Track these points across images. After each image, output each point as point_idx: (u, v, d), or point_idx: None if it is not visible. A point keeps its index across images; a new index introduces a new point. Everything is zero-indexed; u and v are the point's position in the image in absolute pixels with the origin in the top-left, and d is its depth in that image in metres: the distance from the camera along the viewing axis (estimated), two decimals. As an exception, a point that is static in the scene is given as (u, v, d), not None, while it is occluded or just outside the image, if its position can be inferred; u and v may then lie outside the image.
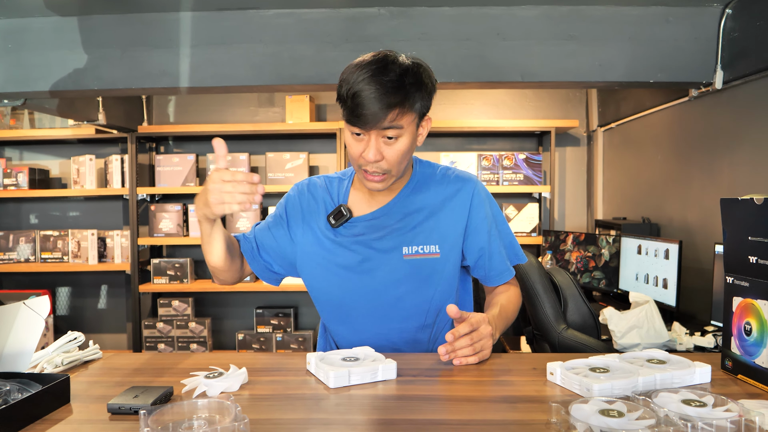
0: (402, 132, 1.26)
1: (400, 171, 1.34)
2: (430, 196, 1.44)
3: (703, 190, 2.59)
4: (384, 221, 1.42)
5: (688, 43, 2.39)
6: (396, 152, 1.28)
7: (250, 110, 4.06)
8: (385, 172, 1.30)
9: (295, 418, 0.92)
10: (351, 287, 1.42)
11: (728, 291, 1.09)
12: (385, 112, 1.21)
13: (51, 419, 0.94)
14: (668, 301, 2.52)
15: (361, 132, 1.25)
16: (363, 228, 1.42)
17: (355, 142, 1.29)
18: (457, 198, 1.43)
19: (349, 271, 1.41)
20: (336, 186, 1.49)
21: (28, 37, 2.48)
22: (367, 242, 1.41)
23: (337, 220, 1.41)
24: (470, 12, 2.42)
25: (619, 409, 0.85)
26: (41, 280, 4.11)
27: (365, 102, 1.20)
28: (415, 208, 1.42)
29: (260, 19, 2.45)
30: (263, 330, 3.84)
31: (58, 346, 1.25)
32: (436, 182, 1.46)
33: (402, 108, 1.22)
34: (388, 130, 1.24)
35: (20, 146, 4.14)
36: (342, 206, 1.42)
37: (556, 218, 3.99)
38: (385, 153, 1.27)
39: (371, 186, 1.34)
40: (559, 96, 3.98)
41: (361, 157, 1.28)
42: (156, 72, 2.49)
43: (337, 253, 1.42)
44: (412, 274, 1.40)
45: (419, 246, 1.40)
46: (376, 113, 1.21)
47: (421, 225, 1.41)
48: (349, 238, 1.42)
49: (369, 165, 1.29)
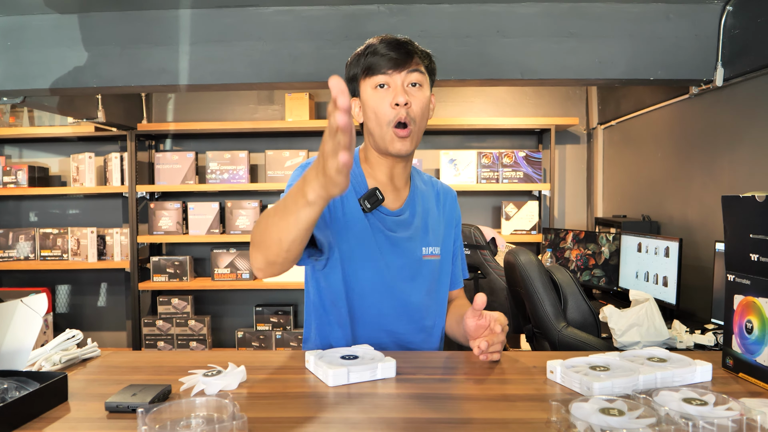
0: (423, 80, 1.28)
1: (421, 130, 1.31)
2: (430, 198, 1.46)
3: (704, 187, 2.59)
4: (407, 218, 1.39)
5: (689, 40, 2.38)
6: (420, 100, 1.27)
7: (250, 108, 4.05)
8: (411, 122, 1.26)
9: (294, 416, 0.92)
10: (374, 279, 1.34)
11: (729, 289, 1.09)
12: (410, 55, 1.25)
13: (48, 417, 0.93)
14: (668, 299, 2.51)
15: (386, 80, 1.25)
16: (390, 222, 1.36)
17: (381, 97, 1.26)
18: (447, 205, 1.49)
19: (376, 264, 1.33)
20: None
21: (28, 34, 2.47)
22: (395, 239, 1.36)
23: (372, 204, 1.31)
24: (470, 9, 2.41)
25: (619, 408, 0.85)
26: (41, 278, 4.11)
27: (389, 48, 1.24)
28: (424, 206, 1.44)
29: (259, 17, 2.44)
30: (263, 328, 3.83)
31: (56, 344, 1.25)
32: (428, 186, 1.49)
33: (420, 58, 1.27)
34: (413, 73, 1.26)
35: (20, 144, 4.14)
36: (376, 189, 1.31)
37: (556, 216, 3.98)
38: (411, 99, 1.26)
39: (399, 147, 1.28)
40: (559, 93, 3.97)
41: (390, 108, 1.25)
42: (155, 69, 2.48)
43: (368, 241, 1.32)
44: (427, 274, 1.40)
45: (432, 247, 1.41)
46: (401, 54, 1.24)
47: (430, 226, 1.43)
48: (379, 230, 1.34)
49: (400, 112, 1.24)
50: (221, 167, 3.76)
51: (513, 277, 1.89)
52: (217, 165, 3.76)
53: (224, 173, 3.77)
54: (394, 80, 1.26)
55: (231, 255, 3.75)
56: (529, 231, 3.75)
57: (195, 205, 3.78)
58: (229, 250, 3.77)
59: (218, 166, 3.76)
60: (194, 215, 3.77)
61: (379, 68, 1.25)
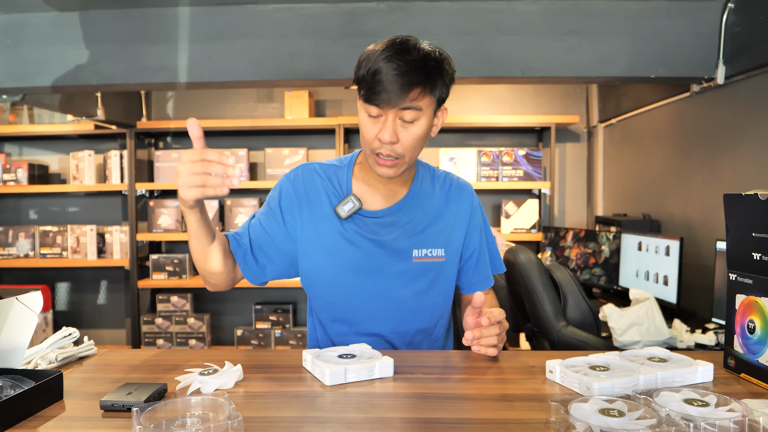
0: (420, 115, 1.22)
1: (412, 159, 1.29)
2: (436, 199, 1.41)
3: (705, 186, 2.58)
4: (397, 219, 1.37)
5: (690, 37, 2.37)
6: (412, 136, 1.23)
7: (249, 106, 4.04)
8: (398, 156, 1.25)
9: (290, 415, 0.91)
10: (357, 287, 1.35)
11: (731, 288, 1.08)
12: (406, 90, 1.17)
13: (43, 416, 0.92)
14: (669, 298, 2.50)
15: (378, 113, 1.21)
16: (372, 225, 1.35)
17: (371, 124, 1.24)
18: (459, 203, 1.43)
19: (357, 271, 1.34)
20: (335, 174, 1.40)
21: (27, 32, 2.47)
22: (379, 241, 1.34)
23: (347, 211, 1.32)
24: (470, 7, 2.40)
25: (619, 409, 0.84)
26: (40, 276, 4.10)
27: (386, 78, 1.16)
28: (425, 208, 1.39)
29: (259, 14, 2.43)
30: (262, 326, 3.83)
31: (52, 342, 1.24)
32: (439, 185, 1.44)
33: (423, 89, 1.19)
34: (406, 111, 1.20)
35: (19, 142, 4.13)
36: (351, 195, 1.33)
37: (556, 214, 3.97)
38: (400, 136, 1.23)
39: (381, 171, 1.28)
40: (559, 91, 3.96)
41: (376, 139, 1.23)
42: (154, 67, 2.47)
43: (344, 250, 1.34)
44: (420, 277, 1.37)
45: (428, 249, 1.37)
46: (396, 91, 1.17)
47: (430, 227, 1.38)
48: (358, 235, 1.34)
49: (383, 147, 1.23)
50: (221, 165, 3.75)
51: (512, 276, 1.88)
52: (217, 163, 3.75)
53: (224, 171, 3.75)
54: (387, 115, 1.21)
55: (230, 253, 3.74)
56: (529, 229, 3.74)
57: (194, 203, 3.76)
58: (228, 249, 3.76)
59: (218, 164, 3.75)
60: (194, 213, 3.76)
61: (373, 100, 1.19)
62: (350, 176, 1.39)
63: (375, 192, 1.38)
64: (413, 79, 1.17)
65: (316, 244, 1.35)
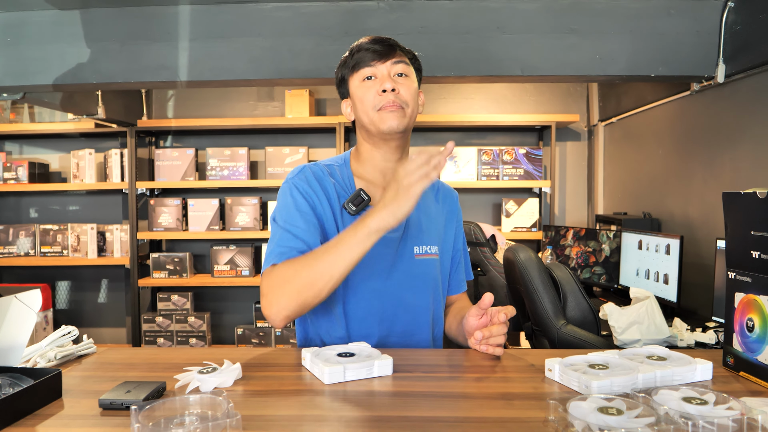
0: (409, 70, 1.32)
1: (413, 113, 1.33)
2: (428, 198, 1.44)
3: (705, 184, 2.57)
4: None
5: (690, 36, 2.37)
6: (409, 88, 1.30)
7: (250, 104, 4.04)
8: (402, 104, 1.29)
9: (289, 414, 0.91)
10: (366, 283, 1.32)
11: (730, 287, 1.08)
12: (392, 49, 1.30)
13: (42, 414, 0.93)
14: (669, 297, 2.50)
15: (372, 72, 1.30)
16: None
17: (368, 87, 1.30)
18: (448, 205, 1.47)
19: (363, 268, 1.29)
20: (337, 172, 1.37)
21: (27, 30, 2.47)
22: (385, 239, 1.25)
23: (357, 206, 1.30)
24: (470, 5, 2.40)
25: (618, 407, 0.84)
26: (41, 274, 4.10)
27: (371, 46, 1.30)
28: (420, 205, 1.39)
29: (259, 13, 2.43)
30: (262, 325, 3.83)
31: (51, 341, 1.24)
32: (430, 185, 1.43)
33: (404, 52, 1.33)
34: (398, 64, 1.30)
35: (20, 140, 4.13)
36: (361, 191, 1.30)
37: (557, 213, 3.97)
38: (398, 87, 1.29)
39: (390, 123, 1.28)
40: (559, 90, 3.96)
41: (377, 94, 1.29)
42: (155, 66, 2.47)
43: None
44: (421, 275, 1.37)
45: (427, 246, 1.38)
46: (383, 49, 1.29)
47: (425, 224, 1.40)
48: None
49: (387, 96, 1.28)
50: (221, 164, 3.76)
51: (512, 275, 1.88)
52: (217, 161, 3.75)
53: (224, 170, 3.76)
54: (380, 70, 1.30)
55: (231, 252, 3.75)
56: (529, 228, 3.74)
57: (195, 202, 3.77)
58: (228, 247, 3.76)
59: (218, 162, 3.76)
60: (194, 212, 3.77)
61: (364, 61, 1.29)
62: (350, 173, 1.38)
63: (376, 187, 1.37)
64: (393, 43, 1.32)
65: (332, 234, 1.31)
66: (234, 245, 3.78)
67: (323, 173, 1.35)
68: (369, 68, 1.30)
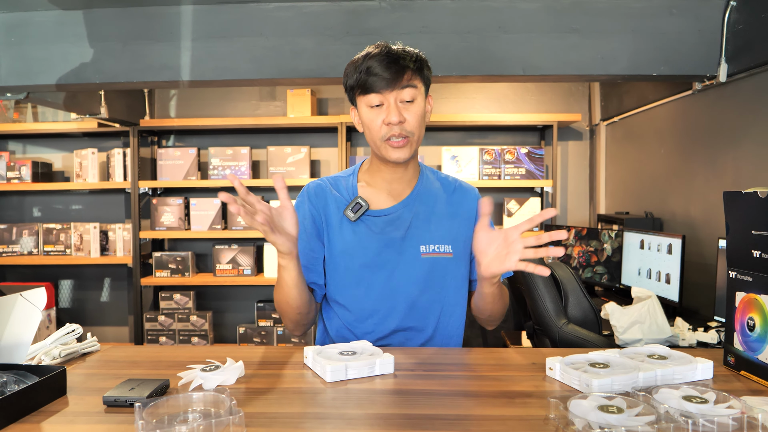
0: (416, 93, 1.33)
1: (420, 138, 1.37)
2: (440, 198, 1.47)
3: (707, 184, 2.57)
4: (401, 217, 1.42)
5: (692, 35, 2.37)
6: (415, 115, 1.33)
7: (252, 104, 4.05)
8: (408, 135, 1.33)
9: (291, 411, 0.91)
10: (369, 285, 1.40)
11: (731, 286, 1.08)
12: (400, 73, 1.29)
13: (47, 411, 0.93)
14: (671, 297, 2.50)
15: (380, 100, 1.31)
16: (381, 223, 1.41)
17: (375, 115, 1.33)
18: (464, 203, 1.48)
19: (368, 269, 1.39)
20: (342, 183, 1.47)
21: (31, 30, 2.48)
22: (387, 239, 1.40)
23: (356, 212, 1.39)
24: (471, 5, 2.40)
25: (618, 405, 0.84)
26: (44, 273, 4.12)
27: (380, 68, 1.29)
28: (429, 205, 1.44)
29: (261, 12, 2.44)
30: (264, 324, 3.84)
31: (55, 338, 1.25)
32: (443, 186, 1.50)
33: (413, 71, 1.32)
34: (405, 90, 1.31)
35: (23, 140, 4.14)
36: (358, 198, 1.40)
37: (558, 213, 3.97)
38: (405, 115, 1.31)
39: (396, 155, 1.34)
40: (561, 90, 3.96)
41: (383, 125, 1.32)
42: (157, 65, 2.48)
43: (356, 252, 1.40)
44: (428, 273, 1.40)
45: (435, 245, 1.41)
46: (392, 75, 1.29)
47: (436, 223, 1.43)
48: (369, 235, 1.40)
49: (393, 129, 1.31)
50: (223, 163, 3.76)
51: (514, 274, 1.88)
52: (219, 161, 3.76)
53: (226, 169, 3.77)
54: (387, 99, 1.31)
55: (233, 251, 3.76)
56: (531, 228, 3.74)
57: (197, 201, 3.78)
58: (230, 246, 3.77)
59: (220, 162, 3.76)
60: (196, 211, 3.77)
61: (373, 89, 1.30)
62: (355, 183, 1.46)
63: (380, 192, 1.44)
64: (403, 63, 1.30)
65: (333, 251, 1.41)
66: (236, 244, 3.79)
67: (323, 188, 1.46)
68: (377, 96, 1.31)
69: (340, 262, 1.41)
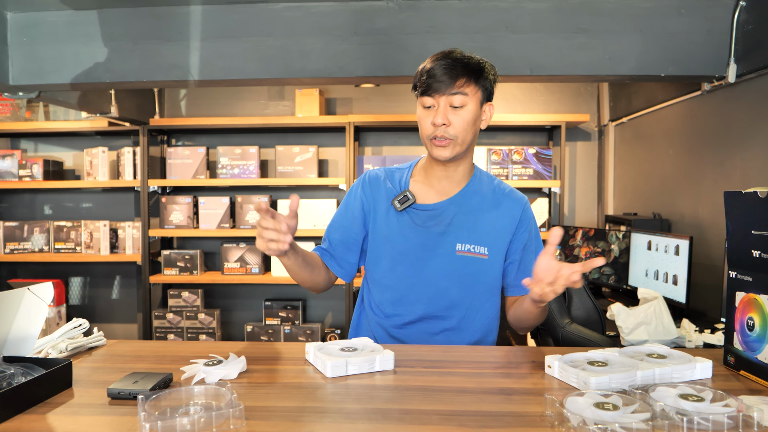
0: (467, 101, 1.39)
1: (465, 142, 1.43)
2: (486, 202, 1.53)
3: (716, 185, 2.56)
4: (446, 213, 1.49)
5: (701, 35, 2.36)
6: (462, 120, 1.40)
7: (260, 104, 4.07)
8: (451, 138, 1.40)
9: (291, 405, 0.93)
10: (405, 273, 1.49)
11: (731, 286, 1.08)
12: (453, 79, 1.37)
13: (53, 402, 0.95)
14: (678, 298, 2.49)
15: (431, 102, 1.40)
16: (424, 217, 1.50)
17: (426, 115, 1.42)
18: (509, 210, 1.54)
19: (406, 257, 1.49)
20: (397, 176, 1.57)
21: (43, 30, 2.51)
22: (427, 232, 1.49)
23: (402, 204, 1.49)
24: (479, 5, 2.40)
25: (614, 403, 0.85)
26: (54, 270, 4.16)
27: (437, 72, 1.38)
28: (474, 207, 1.51)
29: (269, 13, 2.45)
30: (271, 322, 3.86)
31: (63, 332, 1.27)
32: (493, 190, 1.56)
33: (468, 78, 1.39)
34: (455, 96, 1.38)
35: (35, 138, 4.19)
36: (407, 191, 1.50)
37: (566, 213, 3.96)
38: (451, 119, 1.39)
39: (438, 153, 1.43)
40: (569, 90, 3.95)
41: (431, 125, 1.40)
42: (166, 65, 2.50)
43: (397, 240, 1.50)
44: (460, 270, 1.48)
45: (472, 245, 1.48)
46: (445, 80, 1.37)
47: (476, 225, 1.50)
48: (411, 227, 1.49)
49: (438, 130, 1.39)
50: (232, 162, 3.79)
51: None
52: (228, 160, 3.79)
53: (235, 168, 3.79)
54: (438, 102, 1.39)
55: (241, 249, 3.78)
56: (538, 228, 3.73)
57: (206, 200, 3.81)
58: (238, 245, 3.80)
59: (229, 161, 3.79)
60: (205, 209, 3.80)
61: (426, 91, 1.39)
62: (409, 176, 1.56)
63: (430, 188, 1.53)
64: (458, 71, 1.38)
65: (377, 235, 1.53)
66: (244, 243, 3.81)
67: (379, 178, 1.57)
68: (429, 98, 1.40)
69: (381, 247, 1.52)
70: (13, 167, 3.89)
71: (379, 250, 1.53)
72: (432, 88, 1.39)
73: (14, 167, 3.89)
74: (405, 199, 1.49)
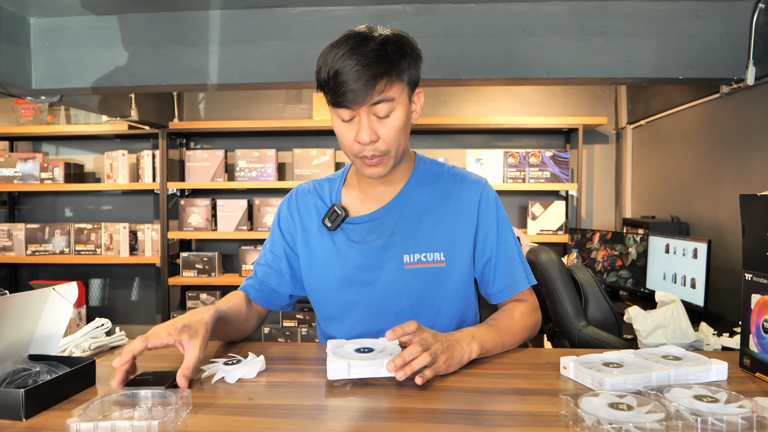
0: (393, 106, 1.14)
1: (399, 151, 1.20)
2: (435, 197, 1.31)
3: (734, 188, 2.54)
4: (384, 223, 1.29)
5: (719, 38, 2.34)
6: (391, 129, 1.15)
7: (278, 107, 4.11)
8: (383, 153, 1.17)
9: (309, 404, 0.94)
10: (349, 300, 1.30)
11: (747, 288, 1.08)
12: (371, 84, 1.09)
13: (77, 399, 0.98)
14: (696, 301, 2.48)
15: (350, 114, 1.13)
16: (361, 231, 1.29)
17: (346, 129, 1.16)
18: (464, 198, 1.31)
19: (347, 282, 1.29)
20: (327, 188, 1.38)
21: (65, 35, 2.56)
22: (366, 249, 1.28)
23: (333, 222, 1.29)
24: (495, 8, 2.41)
25: (629, 403, 0.85)
26: (75, 272, 4.24)
27: (348, 77, 1.08)
28: (418, 209, 1.29)
29: (287, 17, 2.48)
30: (289, 324, 3.89)
31: (86, 332, 1.30)
32: (442, 181, 1.33)
33: (389, 77, 1.11)
34: (378, 105, 1.12)
35: (56, 141, 4.28)
36: (335, 205, 1.30)
37: (584, 216, 3.95)
38: (379, 132, 1.15)
39: (371, 173, 1.20)
40: (587, 93, 3.93)
41: (356, 142, 1.16)
42: (186, 69, 2.54)
43: (335, 263, 1.29)
44: (414, 285, 1.26)
45: (422, 253, 1.26)
46: (361, 87, 1.09)
47: (424, 229, 1.28)
48: (346, 245, 1.29)
49: (366, 149, 1.16)
50: (250, 165, 3.83)
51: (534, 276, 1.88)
52: (246, 163, 3.83)
53: (252, 171, 3.83)
54: (359, 114, 1.13)
55: (258, 252, 3.81)
56: (555, 231, 3.72)
57: (224, 202, 3.85)
58: (256, 247, 3.83)
59: (247, 164, 3.83)
60: (223, 212, 3.85)
61: (341, 102, 1.11)
62: (340, 187, 1.36)
63: (365, 197, 1.32)
64: (376, 70, 1.09)
65: (310, 260, 1.33)
66: (261, 245, 3.85)
67: (306, 194, 1.39)
68: (347, 111, 1.13)
69: (320, 274, 1.32)
70: (35, 170, 3.96)
71: (318, 277, 1.32)
72: (347, 99, 1.10)
73: (36, 170, 3.96)
74: (335, 215, 1.29)
